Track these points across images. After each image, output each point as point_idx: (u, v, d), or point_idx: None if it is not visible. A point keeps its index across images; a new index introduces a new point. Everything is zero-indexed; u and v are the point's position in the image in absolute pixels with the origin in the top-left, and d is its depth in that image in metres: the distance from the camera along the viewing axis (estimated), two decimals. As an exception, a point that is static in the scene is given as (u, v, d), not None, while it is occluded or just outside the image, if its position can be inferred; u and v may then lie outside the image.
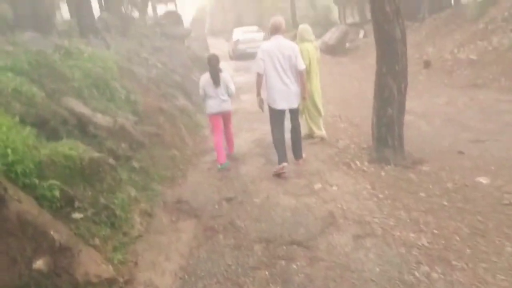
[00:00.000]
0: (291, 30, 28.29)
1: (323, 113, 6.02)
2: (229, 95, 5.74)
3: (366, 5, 22.80)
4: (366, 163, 5.00)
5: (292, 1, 27.58)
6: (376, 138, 5.14)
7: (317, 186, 4.44)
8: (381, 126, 5.07)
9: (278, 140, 5.17)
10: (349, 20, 23.92)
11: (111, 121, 5.23)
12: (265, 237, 3.48)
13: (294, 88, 5.10)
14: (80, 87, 5.07)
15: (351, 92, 11.37)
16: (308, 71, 5.59)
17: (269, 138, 6.76)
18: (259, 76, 5.01)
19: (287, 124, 5.26)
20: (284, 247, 3.29)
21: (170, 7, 25.17)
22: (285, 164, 5.09)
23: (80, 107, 4.94)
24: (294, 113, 5.30)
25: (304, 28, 5.80)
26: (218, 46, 27.67)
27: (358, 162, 4.98)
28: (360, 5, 22.27)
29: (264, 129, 7.46)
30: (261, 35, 21.46)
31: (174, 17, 15.16)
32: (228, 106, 5.78)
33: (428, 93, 9.75)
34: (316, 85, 5.76)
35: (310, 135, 6.04)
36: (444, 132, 6.56)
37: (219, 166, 5.57)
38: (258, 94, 5.13)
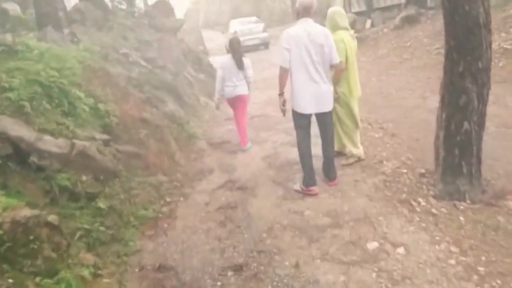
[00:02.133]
0: (290, 21, 26.74)
1: (360, 125, 4.47)
2: (247, 80, 5.62)
3: (374, -8, 21.18)
4: (431, 200, 3.48)
5: (292, -11, 25.89)
6: (443, 163, 3.62)
7: (372, 245, 2.92)
8: (453, 146, 3.54)
9: (305, 155, 3.92)
10: (355, 8, 22.28)
11: (66, 145, 3.69)
12: None
13: (327, 87, 3.84)
14: (20, 99, 3.52)
15: (370, 89, 9.81)
16: (345, 68, 4.09)
17: (283, 153, 5.29)
18: (284, 72, 3.75)
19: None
20: None
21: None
22: (314, 188, 3.88)
23: (18, 129, 3.40)
24: (326, 119, 3.94)
25: (337, 11, 4.22)
26: (214, 39, 25.98)
27: (421, 200, 3.45)
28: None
29: (275, 140, 5.94)
30: (260, 26, 19.84)
31: (164, 8, 13.49)
32: (243, 89, 5.61)
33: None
34: (354, 86, 4.22)
35: (341, 153, 4.50)
36: (509, 144, 5.06)
37: (243, 149, 5.70)
38: (281, 93, 3.87)
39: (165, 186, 4.59)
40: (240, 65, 5.45)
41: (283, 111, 3.93)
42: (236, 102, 5.68)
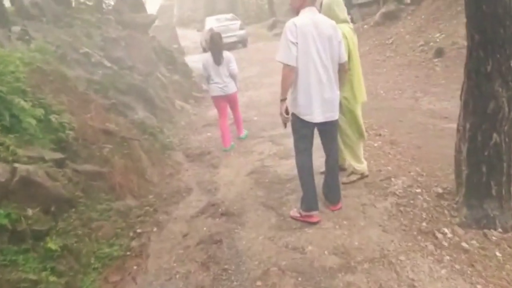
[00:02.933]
0: (267, 18, 26.11)
1: (366, 135, 3.83)
2: (232, 75, 5.33)
3: (352, -12, 20.81)
4: (458, 229, 2.89)
5: (268, -15, 25.25)
6: (467, 182, 3.03)
7: (399, 299, 2.29)
8: (479, 162, 2.96)
9: (305, 170, 3.24)
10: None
11: (4, 171, 2.91)
12: None
13: (336, 91, 3.20)
14: None
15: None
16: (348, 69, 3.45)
17: (272, 167, 4.62)
18: (290, 71, 3.00)
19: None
20: None
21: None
22: (315, 213, 3.23)
23: None
24: (332, 130, 3.30)
25: (335, 1, 3.54)
26: (189, 37, 25.06)
27: (446, 230, 2.85)
28: (344, -12, 20.20)
29: (261, 150, 5.27)
30: (237, 23, 19.07)
31: (134, 3, 12.59)
32: (232, 88, 5.37)
33: (458, 88, 7.74)
34: (358, 90, 3.58)
35: (340, 168, 3.83)
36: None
37: (224, 149, 5.49)
38: (284, 98, 3.07)
39: (135, 212, 3.86)
40: (217, 60, 5.21)
41: (285, 121, 3.16)
42: (227, 101, 5.48)
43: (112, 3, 13.37)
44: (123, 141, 4.48)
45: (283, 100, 3.07)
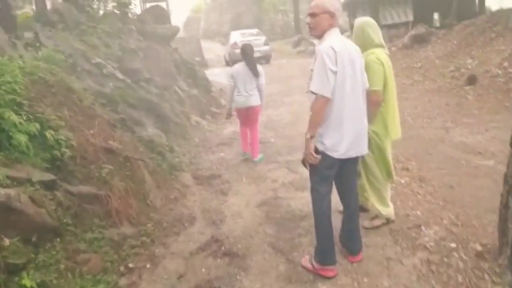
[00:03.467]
0: (292, 35, 25.84)
1: (394, 176, 3.36)
2: (259, 89, 5.31)
3: (381, 9, 20.41)
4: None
5: (296, 2, 25.11)
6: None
7: None
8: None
9: (325, 218, 2.76)
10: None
11: (-20, 194, 2.59)
12: None
13: (365, 122, 2.79)
14: None
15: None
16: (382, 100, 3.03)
17: (286, 200, 4.19)
18: (325, 104, 2.55)
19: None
20: None
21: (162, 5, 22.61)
22: (332, 268, 2.78)
23: None
24: (354, 166, 2.89)
25: (369, 22, 3.12)
26: (213, 50, 25.08)
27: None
28: (373, 8, 19.81)
29: (276, 177, 4.86)
30: (262, 38, 18.90)
31: (159, 13, 12.52)
32: (256, 100, 5.30)
33: (492, 120, 7.18)
34: (392, 124, 3.13)
35: (362, 208, 3.35)
36: None
37: (243, 155, 5.62)
38: (312, 134, 2.60)
39: (130, 242, 3.48)
40: (255, 72, 5.17)
41: (314, 163, 2.61)
42: (249, 113, 5.37)
43: (138, 13, 13.36)
44: (126, 161, 4.14)
45: (311, 137, 2.58)
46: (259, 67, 5.31)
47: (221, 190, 4.66)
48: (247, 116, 5.39)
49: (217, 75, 16.78)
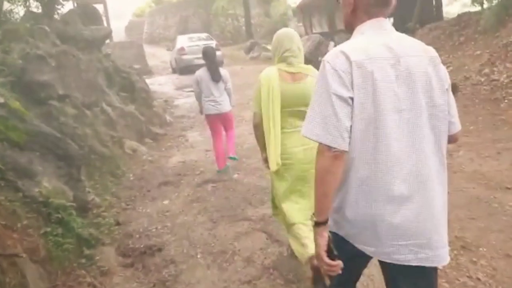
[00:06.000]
0: (244, 40, 24.18)
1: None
2: (228, 92, 5.06)
3: (337, 13, 19.44)
4: None
5: (246, 6, 23.65)
6: None
7: None
8: None
9: None
10: (316, 29, 20.33)
11: None
12: None
13: (441, 197, 1.42)
14: None
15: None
16: None
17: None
18: (335, 160, 1.33)
19: None
20: None
21: (99, 7, 20.17)
22: None
23: None
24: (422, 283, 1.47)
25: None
26: (158, 56, 22.97)
27: None
28: (329, 12, 18.77)
29: (246, 251, 3.15)
30: (212, 44, 17.17)
31: (88, 13, 10.41)
32: (226, 106, 5.04)
33: (497, 139, 5.97)
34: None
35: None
36: None
37: (218, 171, 5.10)
38: (323, 220, 1.40)
39: None
40: (216, 77, 4.94)
41: (328, 273, 1.41)
42: (221, 120, 5.11)
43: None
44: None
45: (321, 223, 1.40)
46: (223, 71, 5.09)
47: (162, 283, 2.87)
48: (221, 123, 5.13)
49: (163, 84, 14.78)
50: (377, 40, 1.40)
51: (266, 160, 2.66)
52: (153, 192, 4.73)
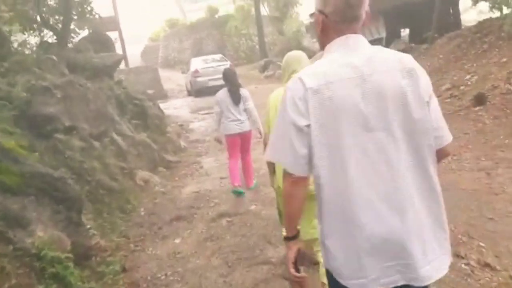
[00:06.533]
0: (258, 59, 24.01)
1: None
2: (251, 113, 4.99)
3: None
4: None
5: (259, 25, 23.59)
6: None
7: None
8: None
9: None
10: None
11: None
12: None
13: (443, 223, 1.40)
14: None
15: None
16: None
17: None
18: (295, 186, 1.44)
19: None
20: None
21: (113, 35, 20.43)
22: None
23: None
24: None
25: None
26: (173, 79, 23.00)
27: None
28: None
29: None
30: (226, 64, 17.02)
31: (101, 40, 10.38)
32: (246, 126, 5.05)
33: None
34: None
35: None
36: None
37: (233, 190, 5.06)
38: (293, 235, 1.53)
39: None
40: (235, 100, 4.98)
41: (295, 281, 1.61)
42: (241, 140, 5.11)
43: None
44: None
45: (291, 238, 1.51)
46: (243, 90, 5.09)
47: None
48: (240, 143, 5.12)
49: (178, 108, 14.64)
50: (342, 60, 1.36)
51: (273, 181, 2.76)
52: (164, 229, 4.37)
